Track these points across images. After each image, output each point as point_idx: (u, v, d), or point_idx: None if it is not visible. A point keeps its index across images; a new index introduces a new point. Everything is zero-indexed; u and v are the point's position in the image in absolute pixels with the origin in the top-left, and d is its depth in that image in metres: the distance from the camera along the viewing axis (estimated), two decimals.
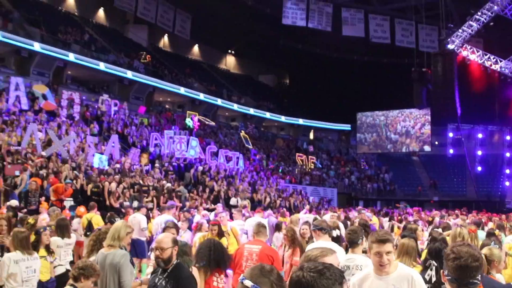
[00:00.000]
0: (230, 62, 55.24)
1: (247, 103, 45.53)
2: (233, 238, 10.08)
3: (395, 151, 44.10)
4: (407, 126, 42.66)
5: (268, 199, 23.66)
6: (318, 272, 2.12)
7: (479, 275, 2.76)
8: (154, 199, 17.08)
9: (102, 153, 19.81)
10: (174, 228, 6.42)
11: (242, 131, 39.11)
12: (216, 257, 5.15)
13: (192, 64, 47.76)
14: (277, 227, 11.10)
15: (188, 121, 33.97)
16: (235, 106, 43.78)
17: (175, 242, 4.49)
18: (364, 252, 5.03)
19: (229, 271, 5.38)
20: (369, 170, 44.11)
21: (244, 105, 44.86)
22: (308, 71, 49.69)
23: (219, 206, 15.67)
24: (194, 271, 5.18)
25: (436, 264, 4.71)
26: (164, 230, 6.55)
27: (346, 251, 5.34)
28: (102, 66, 32.85)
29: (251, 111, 45.17)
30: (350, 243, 5.04)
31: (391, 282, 3.63)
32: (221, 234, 8.84)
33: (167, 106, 41.05)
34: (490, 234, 7.42)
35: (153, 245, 4.77)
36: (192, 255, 5.41)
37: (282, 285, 2.36)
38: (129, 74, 34.73)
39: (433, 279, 4.65)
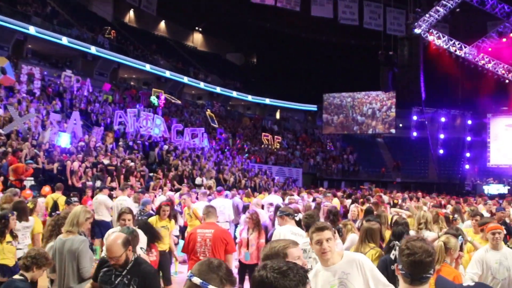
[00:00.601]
0: (197, 39, 54.60)
1: (214, 82, 45.20)
2: (196, 220, 10.02)
3: (361, 133, 44.59)
4: (374, 108, 43.12)
5: (233, 179, 23.65)
6: (282, 273, 2.08)
7: (432, 270, 2.80)
8: (118, 179, 16.84)
9: (64, 131, 19.34)
10: (130, 214, 6.20)
11: (208, 110, 38.86)
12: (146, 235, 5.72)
13: (158, 41, 47.00)
14: (245, 209, 11.09)
15: (153, 99, 33.50)
16: (202, 84, 43.39)
17: (126, 243, 4.18)
18: None
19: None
20: (334, 150, 44.56)
21: (210, 84, 44.53)
22: (276, 50, 49.58)
23: (185, 187, 15.51)
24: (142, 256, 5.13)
25: (400, 245, 4.83)
26: (119, 216, 6.33)
27: None
28: (64, 40, 31.93)
29: (218, 89, 44.88)
30: (306, 227, 5.13)
31: (340, 270, 3.60)
32: (173, 215, 8.80)
33: (132, 83, 40.36)
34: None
35: (104, 251, 4.55)
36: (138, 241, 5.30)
37: (232, 280, 2.35)
38: (93, 50, 33.92)
39: (394, 255, 4.96)
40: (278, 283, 2.05)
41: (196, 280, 2.28)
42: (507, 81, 39.15)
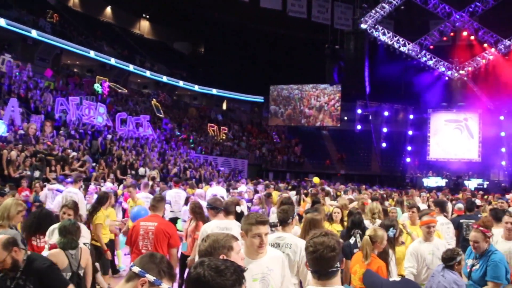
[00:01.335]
0: (144, 27, 53.53)
1: (160, 70, 44.48)
2: None
3: (309, 125, 45.11)
4: (321, 101, 43.68)
5: (177, 170, 23.42)
6: (219, 272, 2.07)
7: (338, 263, 2.82)
8: (58, 169, 16.33)
9: (0, 118, 18.55)
10: (72, 209, 6.00)
11: (154, 99, 38.28)
12: (37, 222, 5.80)
13: (103, 27, 45.77)
14: (187, 201, 10.97)
15: (97, 87, 32.65)
16: (148, 73, 42.62)
17: (8, 244, 3.84)
18: None
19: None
20: (280, 142, 44.89)
21: (157, 72, 43.80)
22: (224, 40, 49.33)
23: (129, 178, 15.23)
24: (84, 249, 4.98)
25: (360, 232, 5.94)
26: (61, 208, 6.15)
27: None
28: (2, 22, 30.46)
29: (164, 78, 44.23)
30: (281, 222, 5.15)
31: (265, 265, 3.67)
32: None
33: (75, 70, 39.07)
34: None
35: None
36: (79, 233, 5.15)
37: (171, 273, 2.42)
38: (34, 34, 32.56)
39: (358, 244, 5.59)
40: (215, 282, 2.04)
41: (135, 269, 2.36)
42: (447, 78, 40.62)
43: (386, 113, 43.22)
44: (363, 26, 37.35)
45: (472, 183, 34.70)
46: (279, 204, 8.27)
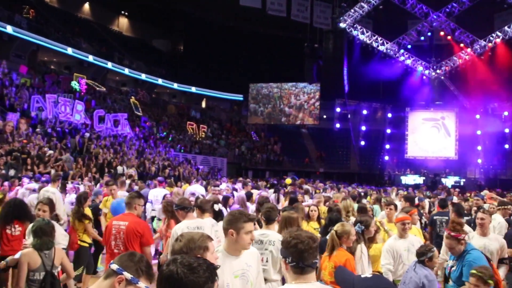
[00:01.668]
0: (122, 24, 53.04)
1: (139, 68, 44.17)
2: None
3: (289, 124, 45.20)
4: (301, 100, 43.80)
5: (155, 168, 23.26)
6: (192, 269, 2.07)
7: (318, 257, 2.89)
8: (35, 168, 16.10)
9: None
10: (47, 205, 5.91)
11: (133, 97, 37.97)
12: (13, 211, 6.02)
13: (81, 23, 45.20)
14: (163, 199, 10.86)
15: (75, 84, 32.26)
16: (126, 71, 42.28)
17: None
18: None
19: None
20: (259, 141, 44.90)
21: (135, 70, 43.49)
22: (204, 38, 49.12)
23: (107, 177, 15.07)
24: (58, 249, 4.93)
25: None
26: (36, 205, 6.08)
27: None
28: None
29: (143, 76, 43.94)
30: (267, 219, 5.31)
31: (244, 262, 3.74)
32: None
33: (52, 67, 38.51)
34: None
35: None
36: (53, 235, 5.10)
37: (149, 273, 2.43)
38: (9, 29, 31.98)
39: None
40: (188, 279, 2.04)
41: (114, 266, 2.39)
42: (424, 77, 41.11)
43: (364, 112, 43.51)
44: (342, 25, 37.62)
45: (449, 181, 35.23)
46: (256, 203, 8.29)
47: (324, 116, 44.51)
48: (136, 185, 14.52)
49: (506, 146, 38.01)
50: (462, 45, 38.66)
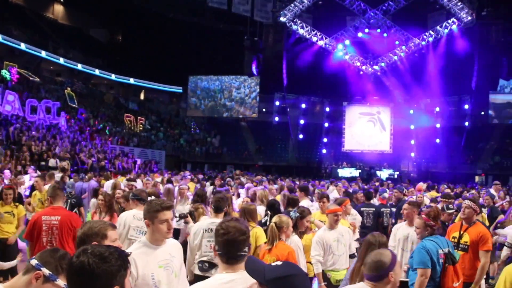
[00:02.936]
0: (58, 11, 51.09)
1: (75, 58, 42.77)
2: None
3: (230, 117, 45.13)
4: (241, 94, 43.82)
5: (91, 161, 22.67)
6: (103, 259, 2.02)
7: (246, 248, 2.88)
8: None
9: None
10: None
11: (68, 88, 36.77)
12: None
13: (12, 9, 43.14)
14: (94, 193, 10.56)
15: (5, 73, 30.87)
16: (62, 60, 40.83)
17: None
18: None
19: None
20: (198, 133, 44.64)
21: (71, 60, 42.06)
22: (143, 29, 48.19)
23: (31, 169, 14.50)
24: None
25: (270, 213, 6.63)
26: None
27: None
28: None
29: (79, 66, 42.58)
30: (216, 209, 5.53)
31: (167, 252, 3.71)
32: (17, 199, 8.16)
33: None
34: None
35: None
36: None
37: None
38: None
39: (268, 222, 6.05)
40: (100, 269, 2.00)
41: (33, 262, 2.36)
42: (361, 72, 42.09)
43: (303, 105, 44.05)
44: (282, 19, 37.91)
45: (384, 174, 36.30)
46: (194, 196, 8.31)
47: (264, 109, 44.76)
48: (70, 178, 14.14)
49: (438, 140, 39.57)
50: (397, 42, 39.93)
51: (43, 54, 38.94)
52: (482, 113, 40.80)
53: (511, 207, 9.54)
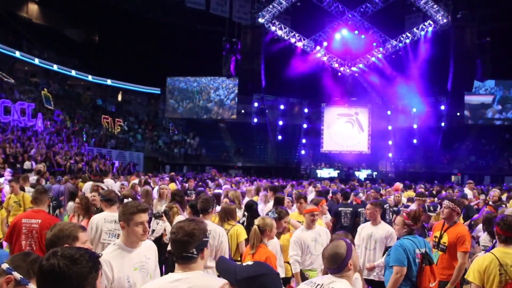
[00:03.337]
0: (32, 10, 50.29)
1: (51, 58, 42.16)
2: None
3: (208, 119, 44.99)
4: (220, 95, 43.76)
5: (69, 163, 22.38)
6: (74, 261, 2.00)
7: (194, 249, 2.85)
8: None
9: None
10: None
11: (45, 89, 36.24)
12: None
13: None
14: (71, 196, 10.44)
15: None
16: (37, 61, 40.22)
17: None
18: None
19: None
20: (177, 135, 44.43)
21: (46, 60, 41.45)
22: (120, 29, 47.65)
23: (7, 172, 14.25)
24: None
25: (246, 214, 6.96)
26: None
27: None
28: None
29: (55, 67, 41.98)
30: (202, 210, 5.68)
31: (142, 254, 3.71)
32: None
33: None
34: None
35: None
36: None
37: None
38: None
39: (245, 223, 6.53)
40: (71, 271, 1.97)
41: (4, 265, 2.33)
42: (339, 73, 42.36)
43: (282, 107, 44.22)
44: (261, 20, 37.94)
45: (362, 174, 36.62)
46: (171, 197, 8.32)
47: (242, 111, 44.79)
48: (48, 181, 13.99)
49: (414, 141, 40.12)
50: (375, 44, 40.29)
51: (17, 54, 38.33)
52: (458, 114, 41.48)
53: (484, 206, 9.70)
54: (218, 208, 7.37)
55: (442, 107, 40.55)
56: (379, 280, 6.13)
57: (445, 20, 35.83)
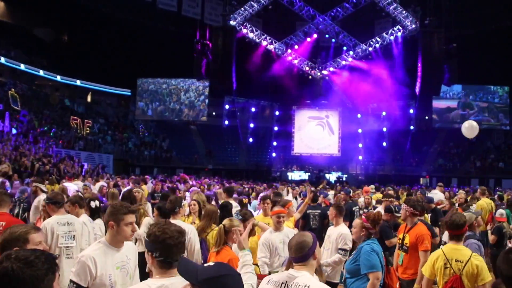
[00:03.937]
0: None
1: (18, 58, 41.28)
2: None
3: (179, 121, 44.73)
4: (190, 97, 43.53)
5: (38, 165, 21.93)
6: (29, 263, 1.95)
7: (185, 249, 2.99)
8: None
9: None
10: None
11: (13, 89, 35.48)
12: None
13: None
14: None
15: None
16: (3, 60, 39.31)
17: None
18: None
19: None
20: (147, 136, 44.04)
21: (13, 60, 40.59)
22: (90, 29, 46.91)
23: None
24: None
25: (220, 213, 6.86)
26: None
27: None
28: None
29: (22, 66, 41.12)
30: (170, 211, 5.98)
31: (124, 254, 3.80)
32: None
33: None
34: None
35: None
36: None
37: None
38: None
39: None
40: (26, 274, 1.92)
41: None
42: (310, 77, 42.66)
43: (253, 109, 44.29)
44: (232, 22, 37.96)
45: (332, 176, 36.88)
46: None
47: (213, 113, 44.70)
48: (14, 181, 13.73)
49: (384, 143, 40.65)
50: (345, 47, 40.74)
51: None
52: (426, 117, 42.20)
53: (452, 208, 9.90)
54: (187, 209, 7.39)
55: (411, 111, 41.18)
56: (328, 280, 6.25)
57: (413, 26, 36.44)
